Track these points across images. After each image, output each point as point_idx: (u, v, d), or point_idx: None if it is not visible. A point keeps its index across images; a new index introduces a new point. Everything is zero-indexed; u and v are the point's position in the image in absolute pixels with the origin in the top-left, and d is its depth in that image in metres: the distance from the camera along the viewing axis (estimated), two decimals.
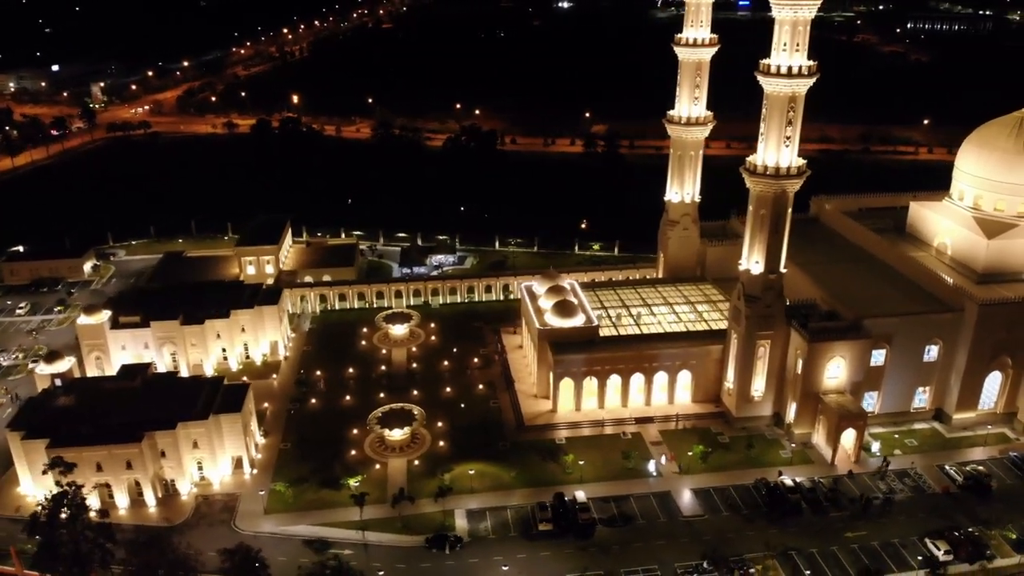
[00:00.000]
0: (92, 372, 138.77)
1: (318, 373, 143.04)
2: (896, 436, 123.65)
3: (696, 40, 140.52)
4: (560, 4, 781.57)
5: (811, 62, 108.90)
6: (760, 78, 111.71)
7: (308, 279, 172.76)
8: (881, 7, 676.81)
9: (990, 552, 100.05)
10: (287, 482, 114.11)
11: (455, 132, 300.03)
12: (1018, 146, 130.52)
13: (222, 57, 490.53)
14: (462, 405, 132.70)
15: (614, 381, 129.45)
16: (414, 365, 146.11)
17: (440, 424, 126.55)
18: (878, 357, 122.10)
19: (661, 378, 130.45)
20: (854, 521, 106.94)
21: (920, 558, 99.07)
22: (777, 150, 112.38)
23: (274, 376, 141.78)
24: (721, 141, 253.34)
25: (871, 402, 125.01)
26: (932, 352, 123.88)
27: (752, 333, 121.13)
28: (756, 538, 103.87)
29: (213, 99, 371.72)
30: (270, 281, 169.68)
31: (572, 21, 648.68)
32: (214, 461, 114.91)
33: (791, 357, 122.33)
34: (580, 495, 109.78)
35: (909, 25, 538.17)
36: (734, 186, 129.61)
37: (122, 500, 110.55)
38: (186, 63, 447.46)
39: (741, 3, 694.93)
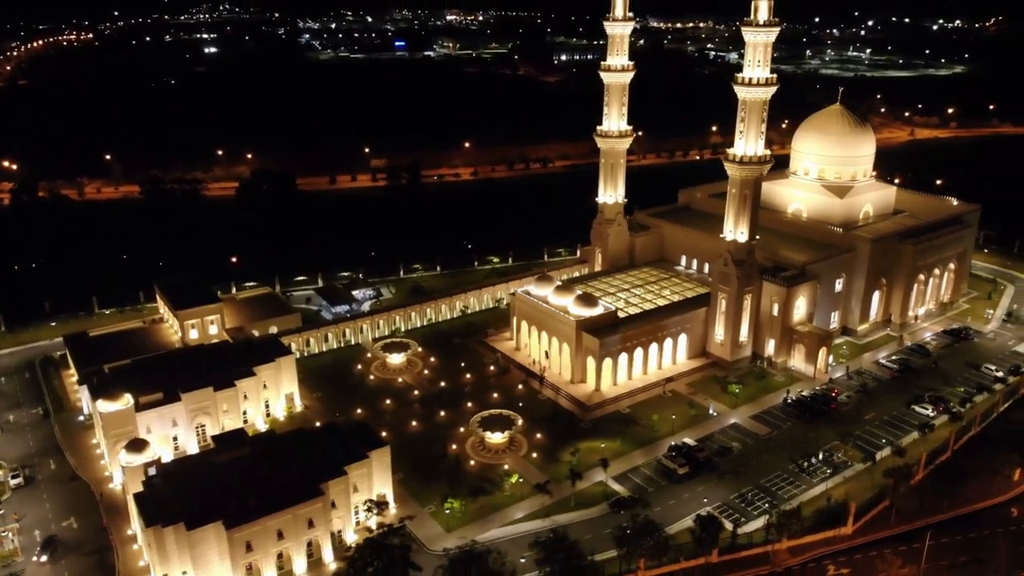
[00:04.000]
0: (118, 463, 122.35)
1: (359, 411, 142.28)
2: (842, 350, 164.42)
3: (619, 66, 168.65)
4: (208, 50, 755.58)
5: (774, 74, 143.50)
6: (739, 88, 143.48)
7: (255, 333, 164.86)
8: (510, 45, 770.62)
9: (968, 400, 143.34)
10: (436, 503, 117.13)
11: (246, 178, 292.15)
12: (845, 129, 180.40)
13: None
14: (520, 404, 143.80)
15: (638, 353, 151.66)
16: (442, 384, 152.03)
17: (520, 422, 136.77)
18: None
19: (667, 344, 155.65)
20: (859, 409, 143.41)
21: (934, 413, 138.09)
22: (756, 142, 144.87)
23: (317, 424, 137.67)
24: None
25: None
26: (839, 284, 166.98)
27: (741, 290, 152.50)
28: (816, 437, 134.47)
29: None
30: (215, 341, 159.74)
31: (231, 67, 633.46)
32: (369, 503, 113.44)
33: (766, 304, 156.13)
34: (689, 440, 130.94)
35: (564, 57, 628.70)
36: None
37: (300, 565, 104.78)
38: None
39: (397, 43, 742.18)
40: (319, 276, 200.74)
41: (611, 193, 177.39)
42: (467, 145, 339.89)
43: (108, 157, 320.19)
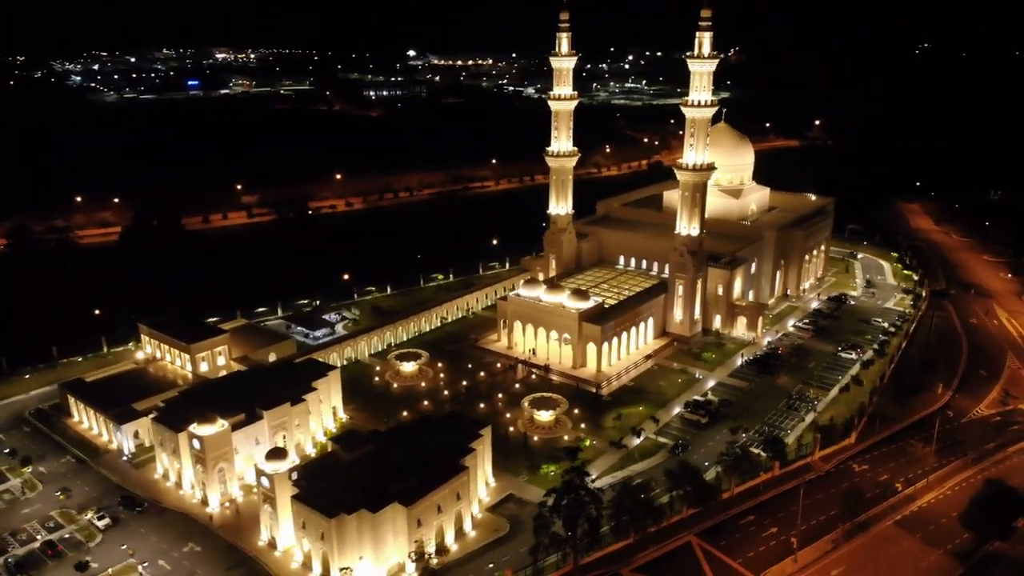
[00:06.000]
0: (216, 486, 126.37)
1: (404, 413, 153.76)
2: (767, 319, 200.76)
3: (567, 95, 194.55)
4: None
5: (714, 97, 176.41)
6: (687, 110, 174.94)
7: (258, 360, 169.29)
8: (308, 81, 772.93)
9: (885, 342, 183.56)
10: (525, 473, 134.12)
11: (118, 223, 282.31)
12: (733, 142, 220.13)
13: None
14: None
15: (624, 337, 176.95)
16: (464, 383, 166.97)
17: (564, 402, 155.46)
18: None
19: (641, 327, 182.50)
20: (800, 360, 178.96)
21: (855, 357, 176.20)
22: (703, 153, 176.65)
23: (370, 428, 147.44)
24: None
25: None
26: (754, 266, 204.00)
27: (696, 276, 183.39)
28: (784, 384, 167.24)
29: None
30: (223, 372, 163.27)
31: (8, 113, 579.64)
32: (483, 477, 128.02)
33: (712, 286, 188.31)
34: (698, 397, 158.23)
35: (376, 94, 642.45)
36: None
37: (450, 536, 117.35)
38: None
39: (190, 82, 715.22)
40: (279, 306, 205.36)
41: (563, 205, 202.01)
42: (338, 177, 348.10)
43: None
